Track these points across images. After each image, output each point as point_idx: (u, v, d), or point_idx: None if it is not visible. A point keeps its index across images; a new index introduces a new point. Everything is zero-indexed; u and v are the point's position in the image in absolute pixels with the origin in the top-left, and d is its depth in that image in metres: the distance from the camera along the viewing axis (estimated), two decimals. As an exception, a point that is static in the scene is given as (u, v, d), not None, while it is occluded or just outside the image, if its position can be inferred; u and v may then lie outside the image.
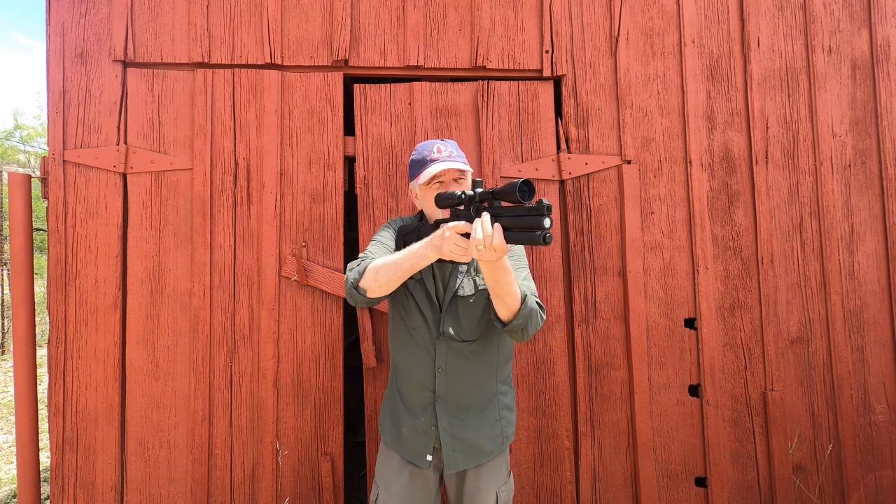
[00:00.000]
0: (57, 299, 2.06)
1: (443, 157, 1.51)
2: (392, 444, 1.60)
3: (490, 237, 1.16)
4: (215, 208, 2.12)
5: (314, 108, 2.18)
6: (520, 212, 1.17)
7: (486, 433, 1.56)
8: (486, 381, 1.57)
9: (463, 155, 1.58)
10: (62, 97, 2.10)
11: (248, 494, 2.08)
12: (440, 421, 1.52)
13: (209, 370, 2.09)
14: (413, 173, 1.57)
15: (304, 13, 2.20)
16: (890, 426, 2.31)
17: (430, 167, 1.49)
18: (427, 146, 1.55)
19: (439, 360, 1.52)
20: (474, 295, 1.53)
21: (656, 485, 2.17)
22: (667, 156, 2.28)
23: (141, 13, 2.15)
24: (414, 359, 1.56)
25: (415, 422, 1.55)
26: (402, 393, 1.60)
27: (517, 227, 1.17)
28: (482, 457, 1.55)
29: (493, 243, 1.16)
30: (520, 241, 1.17)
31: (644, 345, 2.19)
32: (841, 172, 2.35)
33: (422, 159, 1.54)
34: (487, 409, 1.57)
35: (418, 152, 1.57)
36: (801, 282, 2.30)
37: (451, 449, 1.52)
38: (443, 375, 1.52)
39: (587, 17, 2.29)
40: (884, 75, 2.39)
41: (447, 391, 1.53)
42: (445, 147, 1.54)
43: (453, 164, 1.50)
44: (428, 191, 1.53)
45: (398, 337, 1.61)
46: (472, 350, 1.53)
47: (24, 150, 15.31)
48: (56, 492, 2.05)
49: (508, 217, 1.18)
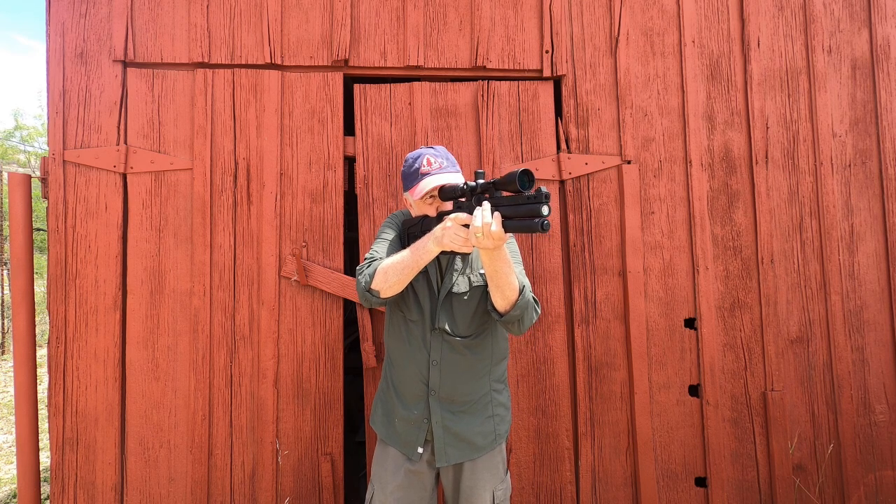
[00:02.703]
0: (57, 299, 2.06)
1: (433, 170, 1.50)
2: (384, 436, 1.62)
3: (489, 225, 1.21)
4: (215, 208, 2.12)
5: (314, 108, 2.18)
6: (519, 200, 1.21)
7: (479, 429, 1.57)
8: (480, 378, 1.59)
9: (453, 160, 1.57)
10: (62, 97, 2.10)
11: (248, 494, 2.08)
12: (433, 414, 1.54)
13: (209, 370, 2.09)
14: (405, 185, 1.57)
15: (304, 13, 2.20)
16: (890, 426, 2.31)
17: (422, 182, 1.49)
18: (417, 157, 1.54)
19: (434, 353, 1.54)
20: (468, 292, 1.55)
21: (656, 485, 2.17)
22: (667, 156, 2.28)
23: (141, 13, 2.15)
24: (409, 351, 1.57)
25: (408, 414, 1.57)
26: (396, 385, 1.62)
27: (516, 216, 1.20)
28: (474, 452, 1.56)
29: (492, 231, 1.21)
30: (519, 229, 1.20)
31: (644, 345, 2.19)
32: (841, 172, 2.35)
33: (412, 172, 1.53)
34: (480, 404, 1.59)
35: (408, 164, 1.56)
36: (801, 282, 2.30)
37: (443, 442, 1.54)
38: (436, 369, 1.54)
39: (587, 17, 2.29)
40: (884, 75, 2.39)
41: (440, 385, 1.54)
42: (436, 158, 1.52)
43: (444, 178, 1.49)
44: (423, 205, 1.54)
45: (395, 329, 1.63)
46: (466, 345, 1.55)
47: (24, 150, 15.32)
48: (56, 492, 2.05)
49: (508, 206, 1.22)
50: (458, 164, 1.58)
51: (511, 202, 1.23)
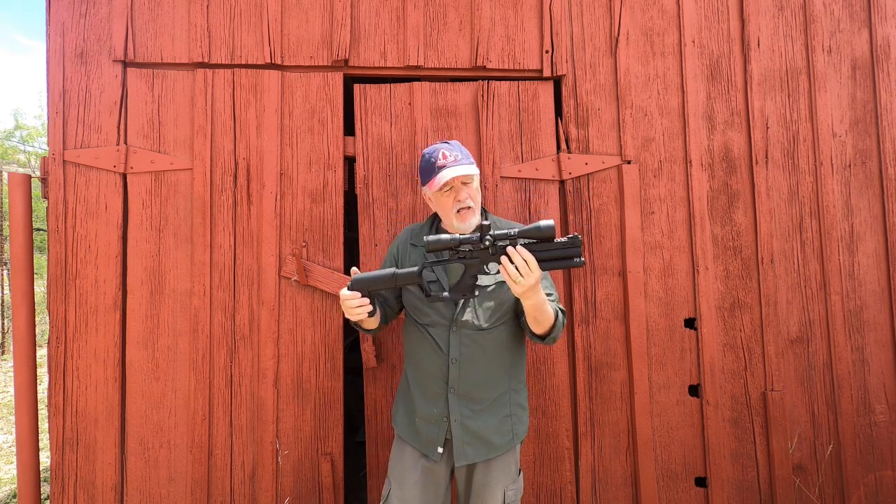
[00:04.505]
0: (57, 299, 2.06)
1: (449, 163, 1.57)
2: (405, 435, 1.65)
3: (532, 261, 1.34)
4: (215, 208, 2.12)
5: (314, 108, 2.18)
6: (551, 247, 1.38)
7: (497, 427, 1.59)
8: (499, 376, 1.62)
9: (468, 153, 1.64)
10: (62, 97, 2.10)
11: (248, 494, 2.08)
12: (452, 412, 1.57)
13: (209, 370, 2.09)
14: (422, 180, 1.64)
15: (304, 13, 2.20)
16: (890, 426, 2.31)
17: (440, 174, 1.56)
18: (432, 152, 1.62)
19: (453, 351, 1.57)
20: (493, 286, 1.58)
21: (656, 485, 2.17)
22: (667, 156, 2.28)
23: (141, 13, 2.15)
24: (428, 350, 1.60)
25: (428, 412, 1.59)
26: (416, 384, 1.65)
27: (548, 259, 1.38)
28: (491, 451, 1.58)
29: (530, 269, 1.34)
30: (552, 267, 1.38)
31: (644, 345, 2.19)
32: (841, 172, 2.35)
33: (429, 166, 1.60)
34: (499, 403, 1.61)
35: (425, 159, 1.63)
36: (801, 282, 2.30)
37: (461, 441, 1.56)
38: (456, 366, 1.57)
39: (587, 17, 2.29)
40: (884, 75, 2.39)
41: (460, 382, 1.57)
42: (451, 151, 1.60)
43: (460, 170, 1.56)
44: (441, 197, 1.60)
45: (412, 330, 1.66)
46: (487, 339, 1.58)
47: (24, 150, 15.31)
48: (56, 492, 2.05)
49: (540, 251, 1.38)
50: (472, 157, 1.64)
51: (542, 248, 1.38)
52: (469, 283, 1.45)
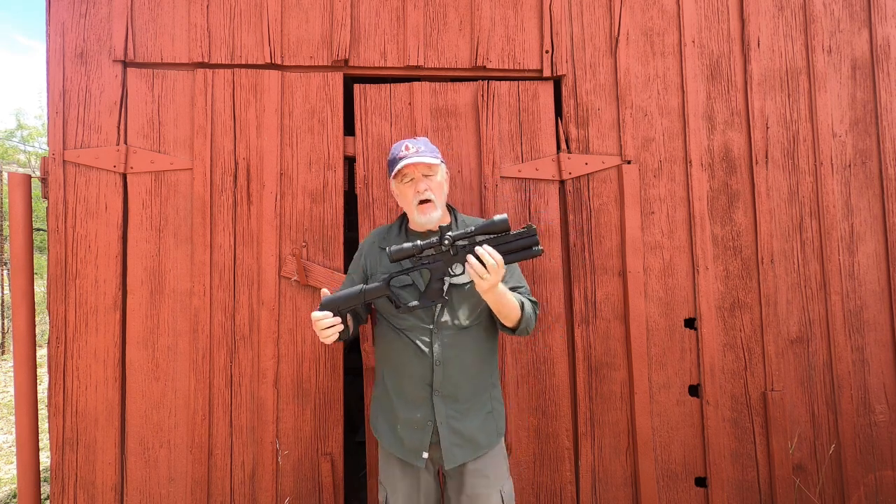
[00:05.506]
0: (57, 299, 2.06)
1: (410, 154, 1.59)
2: (388, 446, 1.61)
3: (500, 261, 1.38)
4: (215, 208, 2.12)
5: (314, 108, 2.18)
6: (508, 239, 1.41)
7: (481, 426, 1.59)
8: (481, 372, 1.62)
9: (434, 149, 1.66)
10: (62, 97, 2.10)
11: (248, 494, 2.08)
12: (437, 414, 1.55)
13: (209, 370, 2.09)
14: (389, 173, 1.66)
15: (304, 13, 2.20)
16: (890, 426, 2.31)
17: (398, 164, 1.59)
18: (398, 145, 1.65)
19: (437, 353, 1.55)
20: (469, 283, 1.57)
21: (656, 485, 2.17)
22: (667, 156, 2.28)
23: (141, 13, 2.15)
24: (409, 354, 1.57)
25: (411, 417, 1.56)
26: (395, 391, 1.61)
27: (510, 251, 1.41)
28: (478, 450, 1.57)
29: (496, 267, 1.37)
30: (516, 259, 1.42)
31: (644, 345, 2.19)
32: (841, 172, 2.35)
33: (393, 158, 1.63)
34: (481, 400, 1.61)
35: (391, 153, 1.67)
36: (801, 282, 2.30)
37: (449, 442, 1.55)
38: (441, 368, 1.55)
39: (587, 17, 2.29)
40: (884, 75, 2.39)
41: (444, 384, 1.55)
42: (414, 144, 1.62)
43: (419, 158, 1.58)
44: (402, 187, 1.63)
45: (389, 335, 1.63)
46: (468, 338, 1.58)
47: (24, 150, 15.31)
48: (56, 492, 2.05)
49: (501, 245, 1.41)
50: (440, 155, 1.67)
51: (500, 241, 1.41)
52: (437, 286, 1.47)
